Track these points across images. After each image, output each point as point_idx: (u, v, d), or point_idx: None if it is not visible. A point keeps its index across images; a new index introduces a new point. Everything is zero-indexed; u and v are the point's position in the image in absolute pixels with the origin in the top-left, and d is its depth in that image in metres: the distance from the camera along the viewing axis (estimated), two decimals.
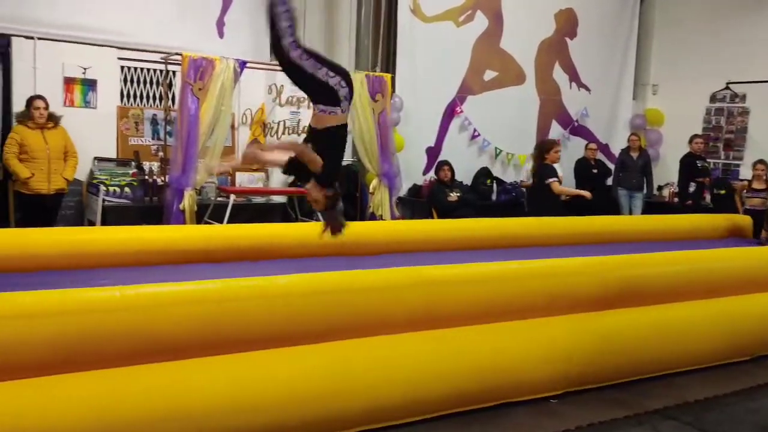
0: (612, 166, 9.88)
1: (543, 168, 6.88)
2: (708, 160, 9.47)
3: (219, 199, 7.43)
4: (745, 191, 7.94)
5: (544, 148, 7.03)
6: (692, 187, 8.79)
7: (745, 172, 9.59)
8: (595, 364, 3.93)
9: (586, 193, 6.88)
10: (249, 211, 7.46)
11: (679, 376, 4.27)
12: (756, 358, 4.66)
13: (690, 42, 10.35)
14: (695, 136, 9.07)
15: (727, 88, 9.95)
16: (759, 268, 5.01)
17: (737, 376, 4.36)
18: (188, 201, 6.59)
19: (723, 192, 9.21)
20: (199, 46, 7.32)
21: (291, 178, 8.05)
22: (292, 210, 7.99)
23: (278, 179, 8.13)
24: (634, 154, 9.41)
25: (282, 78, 7.90)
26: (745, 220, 7.69)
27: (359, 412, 3.16)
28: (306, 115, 8.14)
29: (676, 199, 9.54)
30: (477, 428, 3.41)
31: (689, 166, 8.85)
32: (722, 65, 9.88)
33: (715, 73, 9.97)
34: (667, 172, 10.14)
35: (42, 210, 6.25)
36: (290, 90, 8.00)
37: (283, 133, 7.99)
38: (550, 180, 6.77)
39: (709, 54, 10.04)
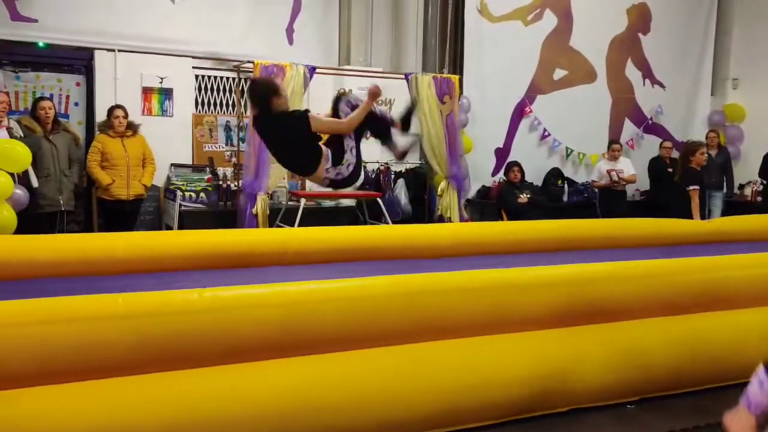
0: None
1: (687, 172, 6.77)
2: None
3: (290, 203, 7.57)
4: None
5: (689, 150, 6.91)
6: None
7: None
8: (675, 369, 3.80)
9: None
10: (319, 215, 7.57)
11: None
12: None
13: None
14: None
15: None
16: None
17: None
18: (261, 205, 6.75)
19: None
20: (269, 54, 7.51)
21: (360, 182, 8.16)
22: (361, 213, 8.06)
23: None
24: (713, 152, 9.05)
25: (350, 83, 8.01)
26: None
27: (433, 414, 3.15)
28: None
29: (759, 198, 9.12)
30: None
31: None
32: None
33: None
34: (749, 170, 9.70)
35: (122, 215, 6.52)
36: (358, 93, 8.07)
37: None
38: (692, 188, 6.67)
39: None
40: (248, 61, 7.00)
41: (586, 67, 9.65)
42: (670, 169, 9.12)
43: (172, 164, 7.48)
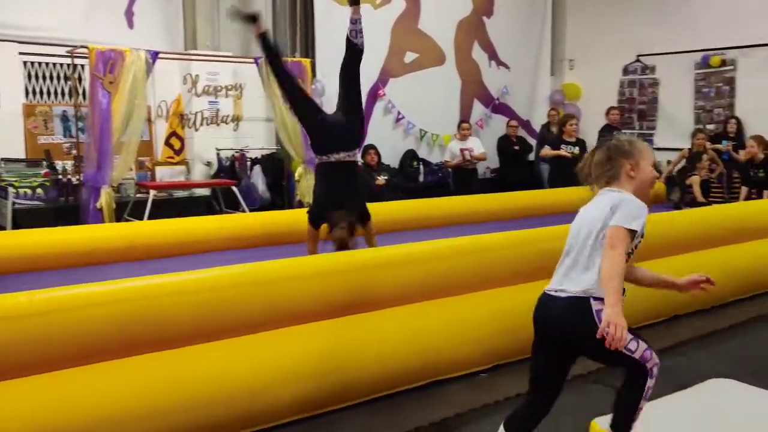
0: (534, 142, 10.08)
1: (557, 138, 7.97)
2: (624, 131, 9.77)
3: (138, 195, 7.20)
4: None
5: (562, 122, 8.13)
6: None
7: (659, 141, 9.99)
8: (521, 334, 4.00)
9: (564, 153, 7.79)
10: (171, 206, 7.26)
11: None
12: (675, 317, 4.85)
13: (602, 16, 10.63)
14: (611, 108, 9.35)
15: (637, 60, 10.28)
16: (678, 231, 5.19)
17: (658, 336, 4.53)
18: (105, 199, 6.36)
19: None
20: (107, 38, 7.05)
21: (213, 171, 7.93)
22: (217, 202, 7.82)
23: (200, 171, 7.93)
24: (555, 129, 9.63)
25: (197, 67, 7.71)
26: (661, 187, 8.07)
27: (286, 403, 3.12)
28: (224, 103, 7.96)
29: None
30: (409, 408, 3.42)
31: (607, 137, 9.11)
32: (633, 38, 10.19)
33: (627, 46, 10.29)
34: (587, 145, 10.40)
35: None
36: (207, 79, 7.79)
37: (201, 124, 7.77)
38: (546, 147, 7.99)
39: (620, 27, 10.34)
40: (82, 46, 6.53)
41: (435, 50, 9.91)
42: (517, 147, 9.62)
43: (1, 159, 6.86)
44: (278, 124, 7.54)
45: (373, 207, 6.43)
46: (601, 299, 2.32)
